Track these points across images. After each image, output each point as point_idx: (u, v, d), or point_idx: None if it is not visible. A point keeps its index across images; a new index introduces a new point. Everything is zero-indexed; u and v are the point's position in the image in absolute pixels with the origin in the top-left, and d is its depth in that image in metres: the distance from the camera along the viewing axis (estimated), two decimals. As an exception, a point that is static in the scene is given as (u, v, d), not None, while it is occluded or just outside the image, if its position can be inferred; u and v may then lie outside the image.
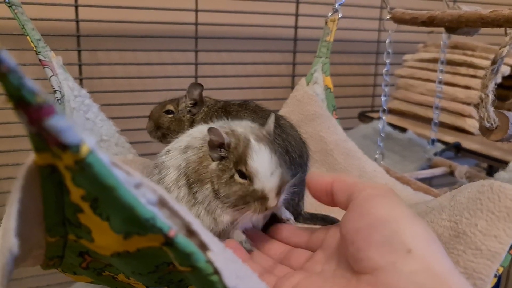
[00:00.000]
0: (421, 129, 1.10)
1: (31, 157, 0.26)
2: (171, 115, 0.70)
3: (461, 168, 0.92)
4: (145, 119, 0.77)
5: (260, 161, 0.44)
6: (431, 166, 1.00)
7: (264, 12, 1.11)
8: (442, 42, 1.01)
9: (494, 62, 0.61)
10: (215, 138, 0.45)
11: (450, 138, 1.04)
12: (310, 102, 0.78)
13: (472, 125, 1.05)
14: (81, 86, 0.75)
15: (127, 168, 0.26)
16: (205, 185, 0.46)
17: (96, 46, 1.02)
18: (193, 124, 0.67)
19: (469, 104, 1.05)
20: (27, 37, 0.69)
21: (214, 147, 0.46)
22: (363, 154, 0.73)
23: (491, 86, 0.62)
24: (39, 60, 0.70)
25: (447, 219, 0.43)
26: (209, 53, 1.14)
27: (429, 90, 1.14)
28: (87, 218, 0.29)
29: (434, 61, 1.15)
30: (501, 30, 0.63)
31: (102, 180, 0.24)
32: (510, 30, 0.59)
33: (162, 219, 0.26)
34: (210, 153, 0.46)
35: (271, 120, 0.49)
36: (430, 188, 0.75)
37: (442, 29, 0.75)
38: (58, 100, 0.67)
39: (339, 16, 0.83)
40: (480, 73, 1.04)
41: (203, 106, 0.69)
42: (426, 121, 1.11)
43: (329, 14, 0.85)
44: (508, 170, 0.59)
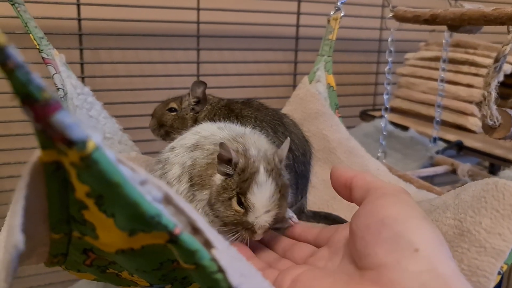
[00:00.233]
0: (423, 127, 1.10)
1: (36, 154, 0.26)
2: (174, 113, 0.70)
3: (463, 166, 0.92)
4: (147, 118, 0.77)
5: (260, 196, 0.44)
6: (433, 165, 1.00)
7: (266, 10, 1.11)
8: (444, 41, 1.01)
9: (496, 60, 0.61)
10: (224, 153, 0.44)
11: (452, 136, 1.04)
12: (312, 101, 0.78)
13: (474, 123, 1.05)
14: (83, 84, 0.75)
15: (132, 165, 0.26)
16: (204, 190, 0.46)
17: (98, 44, 1.02)
18: (196, 122, 0.67)
19: (471, 102, 1.05)
20: (30, 35, 0.69)
21: (222, 162, 0.45)
22: (366, 152, 0.73)
23: (494, 84, 0.62)
24: (42, 58, 0.70)
25: (452, 218, 0.43)
26: (211, 51, 1.14)
27: (431, 89, 1.14)
28: (92, 215, 0.29)
29: (436, 59, 1.15)
30: (503, 28, 0.63)
31: (107, 176, 0.24)
32: (513, 28, 0.59)
33: (168, 217, 0.26)
34: (217, 165, 0.46)
35: (286, 145, 0.48)
36: (432, 186, 0.75)
37: (443, 27, 0.75)
38: (61, 97, 0.67)
39: (342, 14, 0.83)
40: (482, 71, 1.04)
41: (207, 104, 0.69)
42: (428, 119, 1.11)
43: (331, 13, 0.85)
44: (513, 168, 0.59)
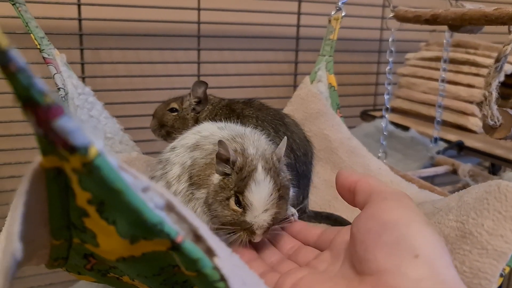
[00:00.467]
0: (423, 127, 1.10)
1: (37, 159, 0.26)
2: (175, 113, 0.70)
3: (464, 166, 0.92)
4: (147, 118, 0.77)
5: (258, 195, 0.43)
6: (434, 165, 0.99)
7: (266, 10, 1.11)
8: (445, 41, 1.01)
9: (497, 60, 0.61)
10: (223, 152, 0.44)
11: (453, 136, 1.03)
12: (314, 101, 0.78)
13: (475, 123, 1.05)
14: (84, 84, 0.75)
15: (134, 171, 0.26)
16: (202, 189, 0.46)
17: (98, 44, 1.02)
18: (197, 122, 0.67)
19: (471, 102, 1.05)
20: (31, 35, 0.69)
21: (221, 161, 0.45)
22: (368, 152, 0.73)
23: (495, 84, 0.62)
24: (43, 58, 0.69)
25: (454, 220, 0.43)
26: (211, 51, 1.14)
27: (431, 89, 1.14)
28: (93, 222, 0.29)
29: (436, 59, 1.15)
30: (504, 28, 0.63)
31: (109, 183, 0.24)
32: (515, 28, 0.59)
33: (170, 224, 0.26)
34: (216, 165, 0.46)
35: (283, 144, 0.48)
36: (433, 186, 0.75)
37: (444, 27, 0.75)
38: (62, 97, 0.67)
39: (343, 14, 0.83)
40: (482, 71, 1.04)
41: (208, 104, 0.69)
42: (429, 119, 1.11)
43: (332, 13, 0.85)
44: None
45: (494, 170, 1.01)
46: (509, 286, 1.00)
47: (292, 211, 0.51)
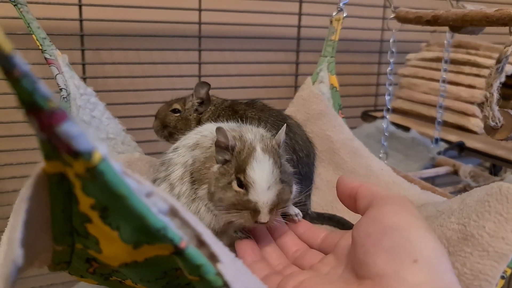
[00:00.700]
0: (424, 128, 1.10)
1: (40, 165, 0.25)
2: (178, 114, 0.70)
3: (465, 167, 0.92)
4: (149, 118, 0.77)
5: (259, 172, 0.43)
6: (435, 166, 1.00)
7: (267, 11, 1.11)
8: (445, 41, 1.01)
9: (498, 61, 0.62)
10: (221, 139, 0.44)
11: (454, 137, 1.04)
12: (316, 101, 0.78)
13: (475, 124, 1.05)
14: (86, 85, 0.75)
15: (138, 176, 0.26)
16: (203, 185, 0.46)
17: (99, 45, 1.02)
18: (200, 122, 0.67)
19: (472, 103, 1.05)
20: (33, 35, 0.69)
21: (220, 149, 0.45)
22: (370, 152, 0.73)
23: (496, 85, 0.63)
24: (45, 58, 0.69)
25: (456, 222, 0.43)
26: (212, 52, 1.14)
27: (432, 89, 1.14)
28: (96, 228, 0.29)
29: (437, 60, 1.15)
30: (505, 28, 0.63)
31: (113, 188, 0.24)
32: (516, 29, 0.60)
33: (174, 229, 0.26)
34: (215, 154, 0.46)
35: (283, 131, 0.48)
36: (434, 187, 0.75)
37: (445, 28, 0.75)
38: (64, 98, 0.67)
39: (344, 15, 0.83)
40: (483, 72, 1.04)
41: (210, 105, 0.69)
42: (430, 120, 1.11)
43: (334, 13, 0.85)
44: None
45: (495, 171, 1.01)
46: (509, 287, 1.00)
47: (295, 211, 0.51)
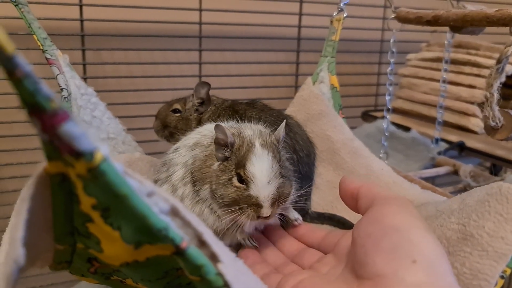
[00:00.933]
0: (424, 128, 1.10)
1: (42, 165, 0.26)
2: (178, 114, 0.70)
3: (465, 167, 0.92)
4: (150, 118, 0.77)
5: (259, 166, 0.43)
6: (435, 165, 1.00)
7: (267, 11, 1.11)
8: (446, 41, 1.01)
9: (499, 61, 0.62)
10: (221, 136, 0.45)
11: (454, 137, 1.04)
12: (316, 101, 0.78)
13: (476, 124, 1.05)
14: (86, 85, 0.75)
15: (139, 176, 0.26)
16: (205, 184, 0.46)
17: (100, 45, 1.02)
18: (200, 122, 0.67)
19: (473, 103, 1.06)
20: (34, 35, 0.69)
21: (220, 146, 0.45)
22: (370, 152, 0.73)
23: (496, 85, 0.63)
24: (46, 58, 0.69)
25: (456, 222, 0.43)
26: (213, 52, 1.14)
27: (432, 89, 1.14)
28: (97, 228, 0.29)
29: (437, 60, 1.15)
30: (505, 29, 0.63)
31: (115, 188, 0.24)
32: (516, 29, 0.60)
33: (175, 230, 0.26)
34: (215, 152, 0.46)
35: (282, 127, 0.48)
36: (434, 187, 0.75)
37: (445, 28, 0.75)
38: (65, 98, 0.67)
39: (344, 15, 0.84)
40: (484, 72, 1.04)
41: (210, 105, 0.69)
42: (430, 120, 1.11)
43: (334, 14, 0.85)
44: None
45: (495, 171, 1.01)
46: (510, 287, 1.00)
47: (295, 216, 0.51)
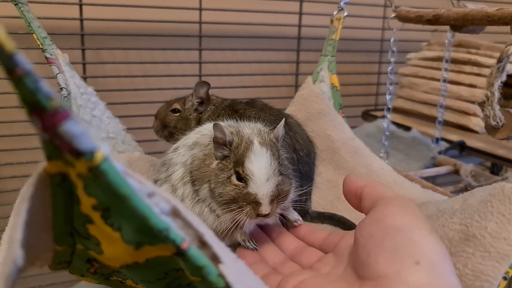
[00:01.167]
0: (425, 127, 1.10)
1: (42, 165, 0.25)
2: (178, 114, 0.70)
3: (466, 166, 0.92)
4: (150, 118, 0.77)
5: (257, 164, 0.43)
6: (436, 165, 0.99)
7: (268, 10, 1.11)
8: (446, 41, 1.01)
9: (500, 60, 0.61)
10: (219, 135, 0.45)
11: (455, 136, 1.03)
12: (316, 101, 0.77)
13: (476, 123, 1.05)
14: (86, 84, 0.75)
15: (140, 177, 0.25)
16: (204, 183, 0.46)
17: (100, 44, 1.02)
18: (200, 122, 0.67)
19: (473, 102, 1.05)
20: (33, 35, 0.69)
21: (219, 145, 0.45)
22: (371, 152, 0.73)
23: (497, 85, 0.62)
24: (46, 57, 0.69)
25: (458, 223, 0.43)
26: (213, 51, 1.14)
27: (433, 89, 1.14)
28: (97, 229, 0.28)
29: (438, 59, 1.15)
30: (506, 28, 0.63)
31: (115, 188, 0.24)
32: (517, 28, 0.59)
33: (176, 230, 0.26)
34: (214, 150, 0.46)
35: (281, 125, 0.48)
36: (435, 186, 0.74)
37: (445, 27, 0.75)
38: (64, 97, 0.66)
39: (345, 14, 0.83)
40: (484, 71, 1.04)
41: (210, 105, 0.69)
42: (430, 119, 1.11)
43: (334, 13, 0.85)
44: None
45: (496, 170, 1.01)
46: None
47: (295, 217, 0.51)
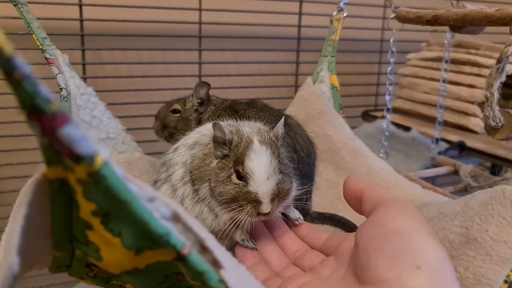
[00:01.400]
0: (425, 128, 1.10)
1: (40, 170, 0.25)
2: (178, 114, 0.70)
3: (465, 167, 0.92)
4: (149, 118, 0.77)
5: (257, 162, 0.43)
6: (435, 165, 0.99)
7: (267, 11, 1.11)
8: (446, 41, 1.01)
9: (499, 61, 0.61)
10: (219, 134, 0.44)
11: (454, 137, 1.04)
12: (316, 101, 0.77)
13: (476, 124, 1.05)
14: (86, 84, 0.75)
15: (140, 182, 0.25)
16: (204, 183, 0.46)
17: (100, 45, 1.02)
18: (200, 123, 0.67)
19: (473, 103, 1.05)
20: (33, 35, 0.69)
21: (218, 144, 0.45)
22: (371, 152, 0.73)
23: (497, 85, 0.62)
24: (45, 58, 0.69)
25: (459, 225, 0.43)
26: (212, 52, 1.14)
27: (432, 89, 1.14)
28: (96, 235, 0.28)
29: (437, 60, 1.15)
30: (505, 28, 0.63)
31: (115, 193, 0.23)
32: (516, 29, 0.59)
33: (176, 236, 0.25)
34: (213, 150, 0.46)
35: (280, 124, 0.48)
36: (435, 187, 0.74)
37: (445, 27, 0.75)
38: (64, 98, 0.66)
39: (344, 15, 0.83)
40: (484, 71, 1.04)
41: (210, 105, 0.69)
42: (430, 120, 1.11)
43: (334, 13, 0.85)
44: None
45: (495, 171, 1.01)
46: None
47: (296, 216, 0.51)
